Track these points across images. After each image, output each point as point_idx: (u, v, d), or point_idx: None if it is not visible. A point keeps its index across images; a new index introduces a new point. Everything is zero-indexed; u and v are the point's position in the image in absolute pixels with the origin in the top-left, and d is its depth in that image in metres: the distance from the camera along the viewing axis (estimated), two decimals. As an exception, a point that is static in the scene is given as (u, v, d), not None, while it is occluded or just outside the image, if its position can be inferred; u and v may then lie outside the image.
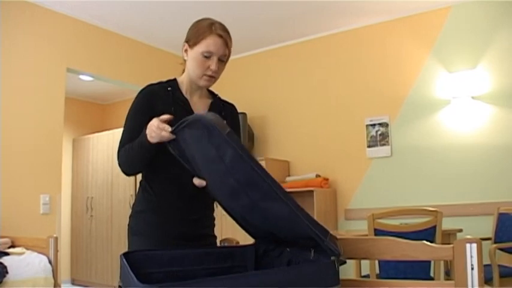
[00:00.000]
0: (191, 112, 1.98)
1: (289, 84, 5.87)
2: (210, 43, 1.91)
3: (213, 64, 1.93)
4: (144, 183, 2.04)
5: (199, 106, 2.05)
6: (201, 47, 1.92)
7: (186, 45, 1.99)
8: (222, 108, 2.12)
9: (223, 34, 1.94)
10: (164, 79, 2.11)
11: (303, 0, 4.75)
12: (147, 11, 4.90)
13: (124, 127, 2.00)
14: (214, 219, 2.12)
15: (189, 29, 2.01)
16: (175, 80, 2.08)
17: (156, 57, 5.81)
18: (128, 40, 5.48)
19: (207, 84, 2.00)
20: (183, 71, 2.09)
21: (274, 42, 5.93)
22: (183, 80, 2.06)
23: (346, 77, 5.47)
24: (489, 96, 4.59)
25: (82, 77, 5.66)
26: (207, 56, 1.92)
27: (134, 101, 2.02)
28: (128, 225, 2.05)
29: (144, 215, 1.99)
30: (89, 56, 5.02)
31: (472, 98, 4.64)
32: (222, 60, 1.97)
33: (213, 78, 1.98)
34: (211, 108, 2.07)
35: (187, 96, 2.04)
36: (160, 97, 1.98)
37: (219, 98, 2.16)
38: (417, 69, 5.00)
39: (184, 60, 2.03)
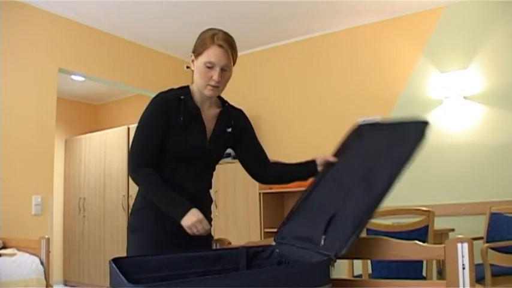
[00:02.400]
0: (201, 121, 2.06)
1: (282, 83, 5.87)
2: (211, 54, 1.95)
3: (215, 74, 1.96)
4: None
5: (209, 115, 2.10)
6: (203, 58, 1.96)
7: (193, 55, 2.03)
8: (231, 115, 2.17)
9: (224, 44, 1.97)
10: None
11: (296, 0, 4.75)
12: (139, 11, 4.88)
13: (138, 137, 2.01)
14: (211, 220, 2.14)
15: (196, 39, 2.04)
16: (188, 87, 2.10)
17: (148, 57, 5.80)
18: (120, 40, 5.46)
19: (211, 94, 2.02)
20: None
21: (268, 42, 5.93)
22: (194, 89, 2.09)
23: (339, 77, 5.48)
24: (481, 96, 4.61)
25: (74, 77, 5.64)
26: (210, 67, 1.95)
27: (148, 110, 2.02)
28: (128, 223, 2.11)
29: (143, 212, 2.03)
30: (80, 56, 5.00)
31: (464, 98, 4.66)
32: (226, 70, 2.00)
33: (217, 88, 2.01)
34: (220, 118, 2.12)
35: (199, 105, 2.07)
36: (173, 107, 2.00)
37: (229, 105, 2.20)
38: (409, 69, 5.02)
39: (192, 71, 2.06)
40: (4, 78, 4.27)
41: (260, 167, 2.30)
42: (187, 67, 2.10)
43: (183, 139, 2.01)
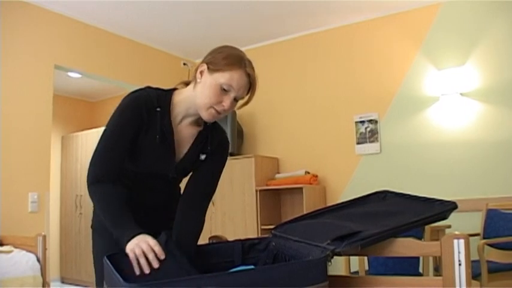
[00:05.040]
0: (171, 145, 1.78)
1: (278, 81, 5.87)
2: (234, 78, 1.68)
3: (227, 101, 1.69)
4: None
5: (186, 135, 1.83)
6: (223, 77, 1.67)
7: (205, 67, 1.71)
8: (210, 139, 1.87)
9: (252, 74, 1.74)
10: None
11: (292, -3, 4.75)
12: (136, 8, 4.87)
13: (104, 144, 1.72)
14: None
15: (213, 52, 1.75)
16: (169, 96, 1.80)
17: (145, 54, 5.78)
18: (117, 37, 5.44)
19: (210, 119, 1.74)
20: (185, 84, 1.84)
21: (263, 39, 5.92)
22: (181, 100, 1.79)
23: (335, 74, 5.47)
24: (477, 93, 4.61)
25: (70, 74, 5.62)
26: (226, 90, 1.68)
27: (122, 111, 1.73)
28: (92, 220, 1.97)
29: None
30: (77, 53, 4.99)
31: (461, 94, 4.66)
32: (237, 101, 1.75)
33: (219, 115, 1.73)
34: (196, 141, 1.84)
35: (176, 120, 1.79)
36: (147, 118, 1.73)
37: (212, 125, 1.88)
38: (406, 66, 5.02)
39: (194, 81, 1.76)
40: (1, 75, 4.25)
41: (181, 196, 1.90)
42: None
43: (146, 160, 1.78)
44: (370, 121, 5.14)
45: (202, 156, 1.86)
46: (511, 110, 4.45)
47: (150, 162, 1.79)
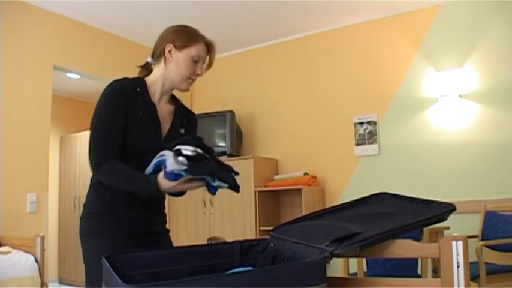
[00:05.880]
0: (157, 120, 1.98)
1: (277, 82, 5.87)
2: (201, 49, 2.01)
3: (199, 69, 2.01)
4: (95, 181, 1.96)
5: (164, 113, 2.04)
6: (192, 51, 1.99)
7: (172, 46, 2.01)
8: (185, 115, 2.14)
9: (209, 42, 2.06)
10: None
11: (291, -2, 4.75)
12: (133, 9, 4.87)
13: (96, 131, 1.87)
14: (165, 215, 2.13)
15: (174, 32, 2.06)
16: (143, 79, 2.04)
17: (143, 54, 5.75)
18: (115, 38, 5.45)
19: (187, 88, 2.04)
20: (150, 71, 2.10)
21: (263, 40, 5.92)
22: (153, 82, 2.03)
23: (334, 75, 5.48)
24: (476, 95, 4.62)
25: (69, 74, 5.62)
26: (196, 61, 2.00)
27: (104, 100, 1.92)
28: (80, 226, 2.01)
29: (97, 215, 1.95)
30: (76, 54, 4.99)
31: (460, 96, 4.67)
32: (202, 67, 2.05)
33: (193, 82, 2.06)
34: (176, 115, 2.08)
35: (155, 98, 2.02)
36: (129, 97, 1.92)
37: (181, 103, 2.16)
38: (405, 67, 5.02)
39: (164, 61, 2.02)
40: (0, 76, 4.26)
41: None
42: (165, 61, 2.05)
43: (136, 137, 1.91)
44: (369, 122, 5.14)
45: (182, 130, 2.09)
46: (510, 111, 4.45)
47: (142, 138, 1.92)
